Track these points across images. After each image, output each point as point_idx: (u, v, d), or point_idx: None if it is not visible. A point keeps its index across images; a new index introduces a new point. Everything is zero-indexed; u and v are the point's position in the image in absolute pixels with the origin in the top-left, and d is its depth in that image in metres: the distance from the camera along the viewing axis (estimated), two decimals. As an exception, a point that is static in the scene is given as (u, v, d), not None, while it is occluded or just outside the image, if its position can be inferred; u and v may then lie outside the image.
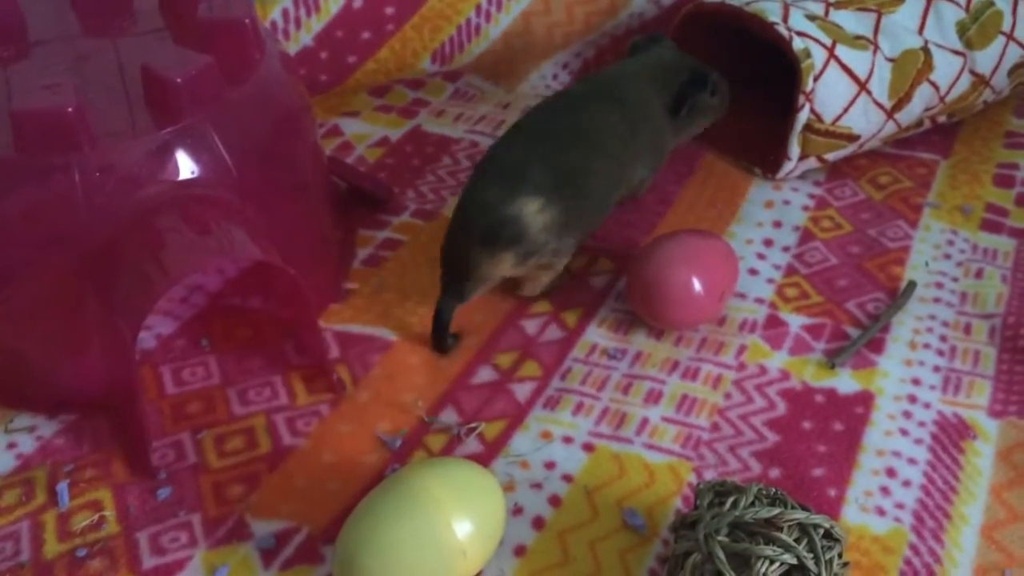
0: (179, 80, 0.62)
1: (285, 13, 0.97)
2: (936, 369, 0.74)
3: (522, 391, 0.72)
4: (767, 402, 0.71)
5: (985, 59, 0.95)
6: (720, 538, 0.52)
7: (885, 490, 0.65)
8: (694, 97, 0.85)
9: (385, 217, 0.88)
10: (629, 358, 0.75)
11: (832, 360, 0.74)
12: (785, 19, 0.89)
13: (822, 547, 0.52)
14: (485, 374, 0.73)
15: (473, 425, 0.69)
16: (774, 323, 0.78)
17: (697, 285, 0.74)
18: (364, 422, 0.69)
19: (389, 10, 0.99)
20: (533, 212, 0.72)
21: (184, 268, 0.62)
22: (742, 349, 0.76)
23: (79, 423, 0.69)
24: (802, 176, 0.95)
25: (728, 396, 0.72)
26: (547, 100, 0.83)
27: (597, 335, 0.77)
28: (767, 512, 0.52)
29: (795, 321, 0.79)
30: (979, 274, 0.83)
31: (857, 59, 0.89)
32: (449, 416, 0.70)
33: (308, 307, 0.67)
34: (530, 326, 0.78)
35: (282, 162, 0.70)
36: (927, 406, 0.71)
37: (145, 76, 0.65)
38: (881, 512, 0.64)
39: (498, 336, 0.76)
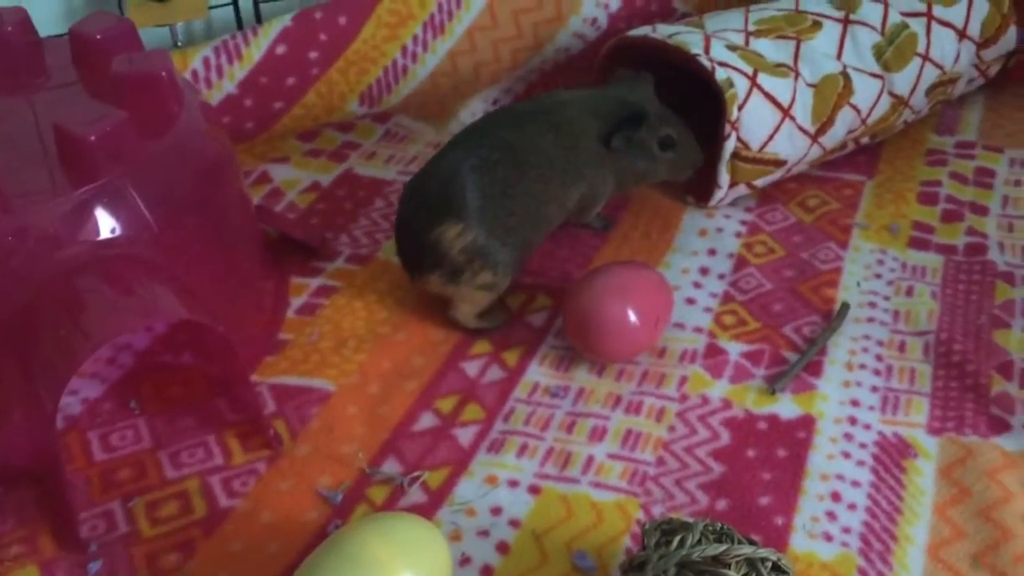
0: (93, 138, 0.61)
1: (206, 61, 0.95)
2: (874, 389, 0.75)
3: (465, 436, 0.71)
4: (711, 432, 0.71)
5: (902, 80, 0.97)
6: (669, 579, 0.51)
7: (831, 515, 0.65)
8: (622, 133, 0.83)
9: (319, 264, 0.86)
10: (572, 395, 0.74)
11: (772, 386, 0.75)
12: (707, 50, 0.90)
13: (771, 581, 0.52)
14: (427, 420, 0.72)
15: (416, 474, 0.67)
16: (714, 352, 0.79)
17: (632, 316, 0.73)
18: (304, 478, 0.67)
19: (313, 54, 0.98)
20: (452, 237, 0.75)
21: (106, 331, 0.60)
22: (683, 380, 0.76)
23: (2, 497, 0.66)
24: (733, 203, 0.96)
25: (672, 429, 0.72)
26: (487, 115, 0.86)
27: (539, 373, 0.76)
28: (714, 549, 0.52)
29: (734, 349, 0.79)
30: (910, 292, 0.84)
31: (779, 86, 0.91)
32: (391, 466, 0.68)
33: (238, 363, 0.65)
34: (471, 368, 0.77)
35: (206, 214, 0.69)
36: (867, 427, 0.72)
37: (58, 135, 0.63)
38: (828, 537, 0.64)
39: (439, 380, 0.75)
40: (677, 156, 0.88)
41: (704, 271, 0.87)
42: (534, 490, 0.67)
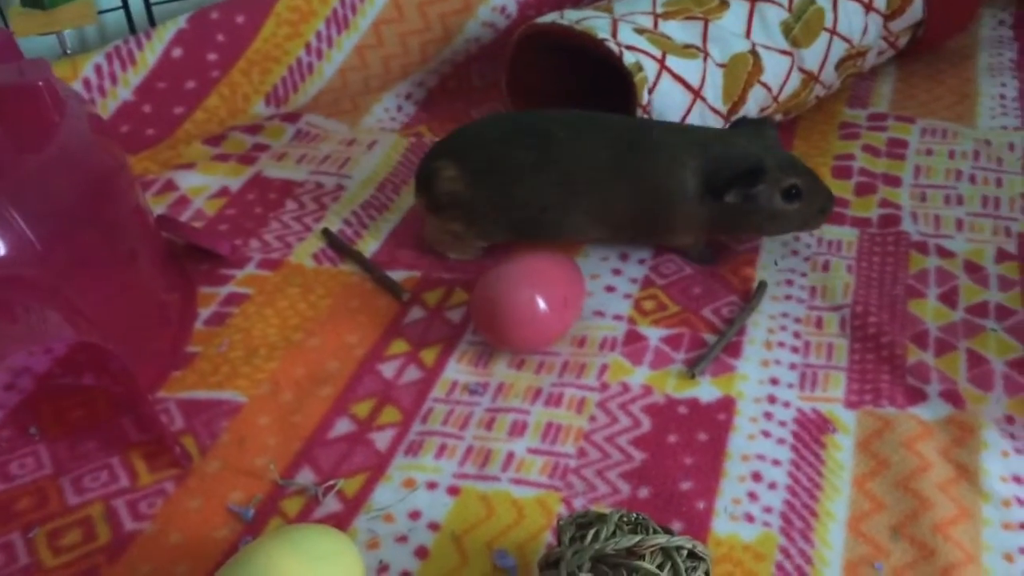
0: (-36, 154, 0.58)
1: (98, 69, 0.92)
2: (792, 367, 0.75)
3: (382, 440, 0.69)
4: (632, 420, 0.71)
5: (812, 56, 0.97)
6: (583, 574, 0.50)
7: (752, 495, 0.65)
8: (738, 187, 0.78)
9: (228, 271, 0.84)
10: (491, 391, 0.73)
11: (692, 369, 0.74)
12: (615, 34, 0.89)
13: (686, 568, 0.51)
14: (342, 426, 0.70)
15: (331, 483, 0.65)
16: (634, 338, 0.78)
17: (540, 304, 0.72)
18: (214, 495, 0.64)
19: (212, 56, 0.95)
20: (445, 176, 0.81)
21: (-11, 358, 0.57)
22: (604, 369, 0.75)
23: None
24: (652, 186, 0.95)
25: (593, 419, 0.71)
26: (558, 112, 0.85)
27: (457, 371, 0.75)
28: (628, 541, 0.51)
29: (654, 334, 0.78)
30: (826, 267, 0.85)
31: (688, 68, 0.90)
32: (306, 476, 0.66)
33: (135, 382, 0.62)
34: (387, 369, 0.75)
35: (97, 229, 0.66)
36: (786, 405, 0.72)
37: (-71, 152, 0.60)
38: (750, 519, 0.63)
39: (354, 384, 0.73)
40: (804, 205, 0.80)
41: (624, 257, 0.87)
42: (453, 491, 0.65)
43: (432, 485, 0.66)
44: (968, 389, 0.72)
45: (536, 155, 0.80)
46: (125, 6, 0.98)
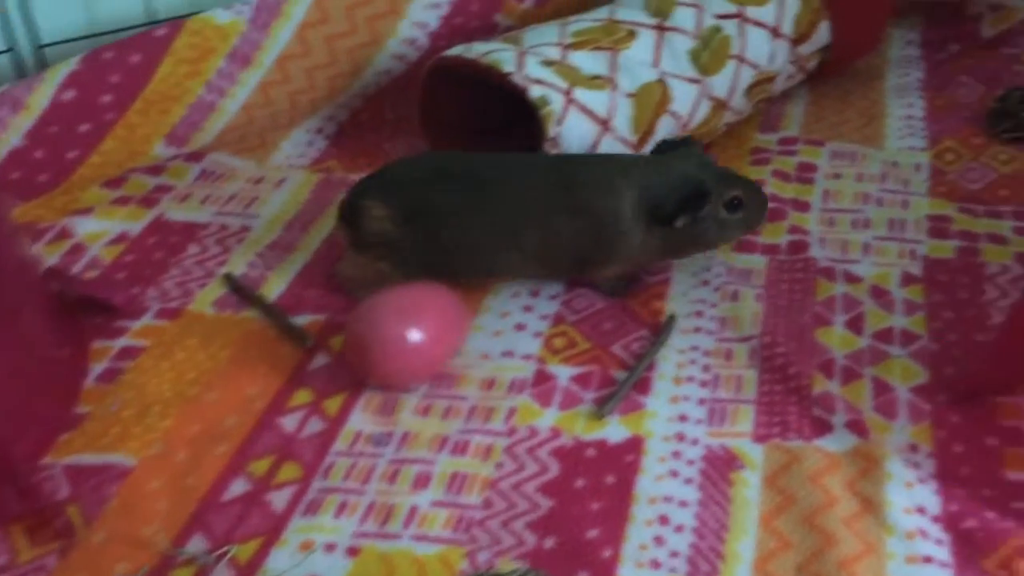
0: None
1: (-16, 115, 0.88)
2: (701, 402, 0.74)
3: (280, 499, 0.67)
4: (539, 466, 0.69)
5: (720, 83, 0.98)
6: (474, 643, 0.49)
7: (659, 540, 0.64)
8: (687, 213, 0.78)
9: (123, 323, 0.81)
10: (396, 441, 0.71)
11: (600, 410, 0.73)
12: (521, 67, 0.89)
13: (581, 631, 0.50)
14: (238, 487, 0.67)
15: (224, 550, 0.63)
16: (543, 379, 0.77)
17: (412, 337, 0.72)
18: (99, 568, 0.61)
19: (106, 98, 0.92)
20: (374, 214, 0.80)
21: None
22: (512, 412, 0.74)
23: None
24: (564, 218, 0.95)
25: (500, 466, 0.69)
26: (491, 154, 0.86)
27: (362, 420, 0.73)
28: (521, 604, 0.50)
29: (564, 373, 0.77)
30: (735, 297, 0.85)
31: (596, 99, 0.90)
32: (198, 543, 0.64)
33: (9, 453, 0.59)
34: (289, 423, 0.73)
35: (-30, 290, 0.63)
36: (695, 442, 0.71)
37: None
38: (656, 565, 0.62)
39: (253, 440, 0.71)
40: (746, 211, 0.81)
41: (535, 293, 0.86)
42: (353, 552, 0.63)
43: (330, 547, 0.63)
44: (873, 418, 0.72)
45: (467, 197, 0.80)
46: (12, 49, 0.95)
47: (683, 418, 0.73)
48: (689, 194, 0.78)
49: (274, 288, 0.86)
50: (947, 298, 0.83)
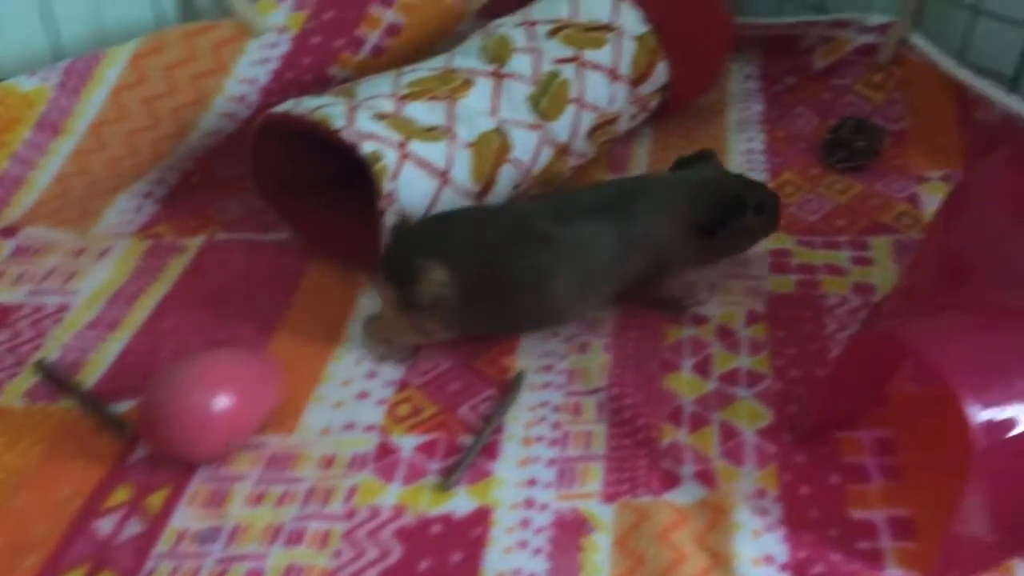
0: None
1: None
2: (551, 462, 0.72)
3: (93, 614, 0.61)
4: (380, 550, 0.65)
5: (561, 128, 0.97)
6: None
7: (507, 619, 0.61)
8: (729, 223, 0.82)
9: (-82, 427, 0.73)
10: (224, 536, 0.66)
11: (446, 481, 0.70)
12: (352, 122, 0.85)
13: None
14: (46, 605, 0.61)
15: None
16: (386, 451, 0.73)
17: (215, 406, 0.68)
18: None
19: None
20: (434, 278, 0.74)
21: None
22: (352, 491, 0.70)
23: None
24: (410, 274, 0.92)
25: (338, 554, 0.65)
26: (552, 198, 0.83)
27: (187, 516, 0.67)
28: None
29: (408, 443, 0.74)
30: (584, 348, 0.83)
31: (433, 151, 0.87)
32: (-5, 676, 0.57)
33: None
34: (105, 526, 0.67)
35: None
36: (544, 507, 0.68)
37: None
38: (504, 647, 0.60)
39: (64, 549, 0.65)
40: (768, 213, 0.86)
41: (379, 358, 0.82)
42: (173, 667, 0.58)
43: (149, 663, 0.58)
44: (721, 466, 0.71)
45: (542, 258, 0.77)
46: None
47: (532, 482, 0.70)
48: (728, 205, 0.82)
49: (94, 372, 0.80)
50: (790, 334, 0.84)
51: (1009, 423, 0.58)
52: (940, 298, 0.68)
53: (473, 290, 0.75)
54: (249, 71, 0.98)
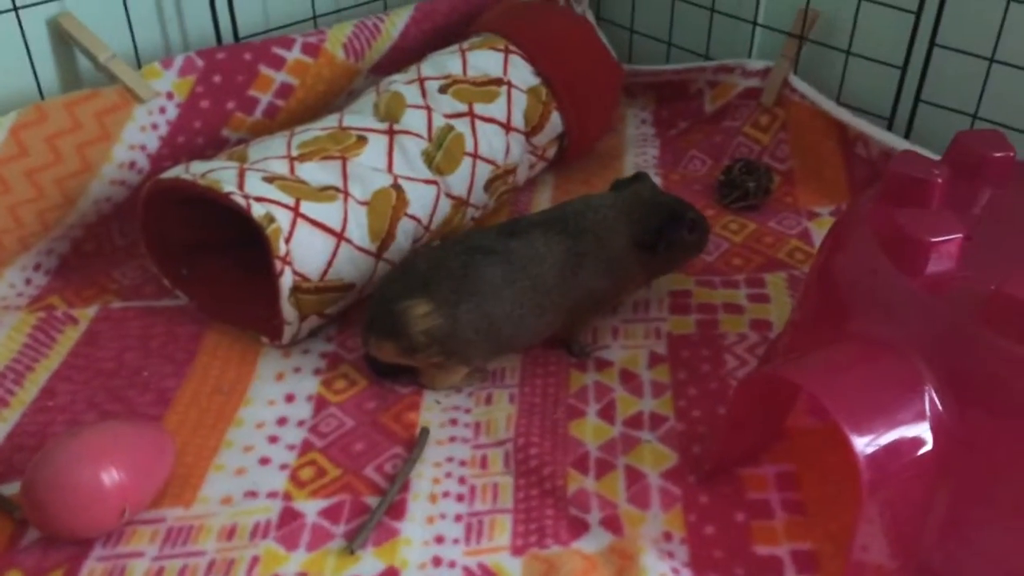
0: None
1: None
2: (458, 518, 0.71)
3: None
4: (283, 621, 0.64)
5: (458, 181, 0.97)
6: None
7: None
8: (670, 236, 0.87)
9: None
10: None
11: (350, 545, 0.69)
12: (242, 185, 0.84)
13: None
14: None
15: None
16: (289, 518, 0.71)
17: (106, 479, 0.66)
18: None
19: None
20: (417, 315, 0.78)
21: None
22: (254, 562, 0.68)
23: None
24: (313, 334, 0.90)
25: (238, 630, 0.63)
26: (503, 223, 0.87)
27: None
28: None
29: (312, 508, 0.72)
30: (489, 400, 0.83)
31: (326, 211, 0.87)
32: None
33: None
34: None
35: None
36: (452, 565, 0.68)
37: None
38: None
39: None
40: (699, 234, 0.91)
41: (282, 421, 0.81)
42: None
43: None
44: (627, 511, 0.72)
45: (502, 268, 0.81)
46: None
47: (440, 540, 0.70)
48: (667, 220, 0.87)
49: (-20, 455, 0.76)
50: (690, 374, 0.85)
51: (893, 453, 0.60)
52: (824, 332, 0.70)
53: (456, 308, 0.79)
54: (137, 137, 0.97)
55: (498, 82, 1.03)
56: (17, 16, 0.93)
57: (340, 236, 0.87)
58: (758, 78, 1.19)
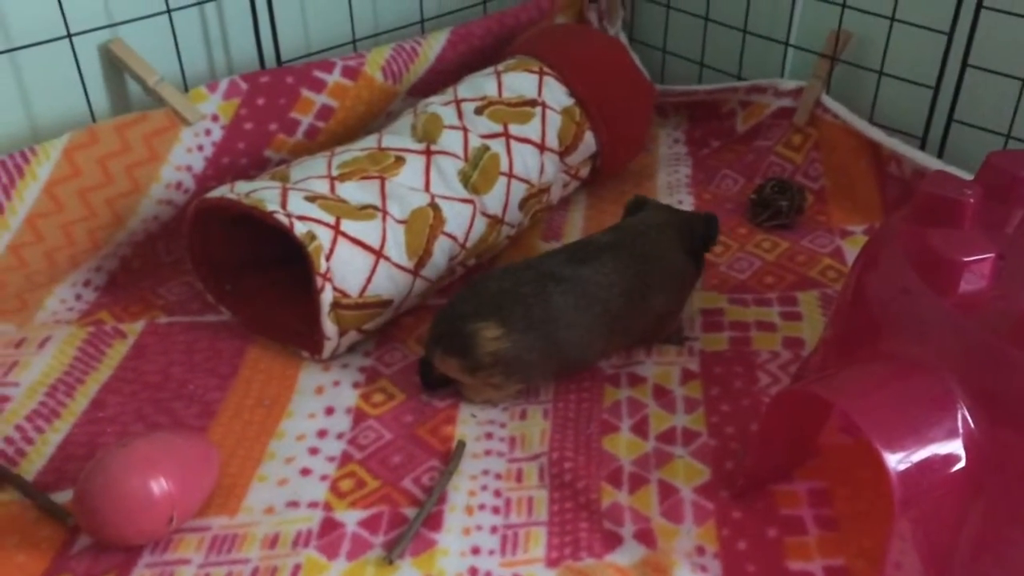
0: None
1: None
2: (494, 530, 0.73)
3: None
4: (324, 628, 0.66)
5: (493, 201, 0.99)
6: None
7: None
8: (712, 242, 0.93)
9: None
10: (166, 624, 0.66)
11: (389, 555, 0.70)
12: (284, 205, 0.87)
13: None
14: None
15: None
16: (330, 527, 0.73)
17: (155, 488, 0.69)
18: None
19: None
20: (488, 338, 0.81)
21: None
22: (296, 570, 0.69)
23: None
24: (352, 349, 0.93)
25: (282, 636, 0.65)
26: (569, 245, 0.90)
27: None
28: None
29: (351, 518, 0.74)
30: (523, 415, 0.84)
31: (366, 229, 0.89)
32: None
33: None
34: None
35: None
36: (488, 575, 0.70)
37: None
38: None
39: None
40: (711, 240, 0.95)
41: (322, 434, 0.83)
42: None
43: None
44: (661, 524, 0.73)
45: (574, 296, 0.83)
46: None
47: (476, 551, 0.71)
48: (705, 224, 0.93)
49: (34, 464, 0.79)
50: (723, 390, 0.86)
51: (926, 470, 0.60)
52: (857, 351, 0.71)
53: (524, 334, 0.81)
54: (184, 158, 1.00)
55: (533, 103, 1.06)
56: (71, 42, 0.97)
57: (379, 254, 0.89)
58: (790, 98, 1.20)
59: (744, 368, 0.89)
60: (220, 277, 0.97)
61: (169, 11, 1.02)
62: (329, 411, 0.85)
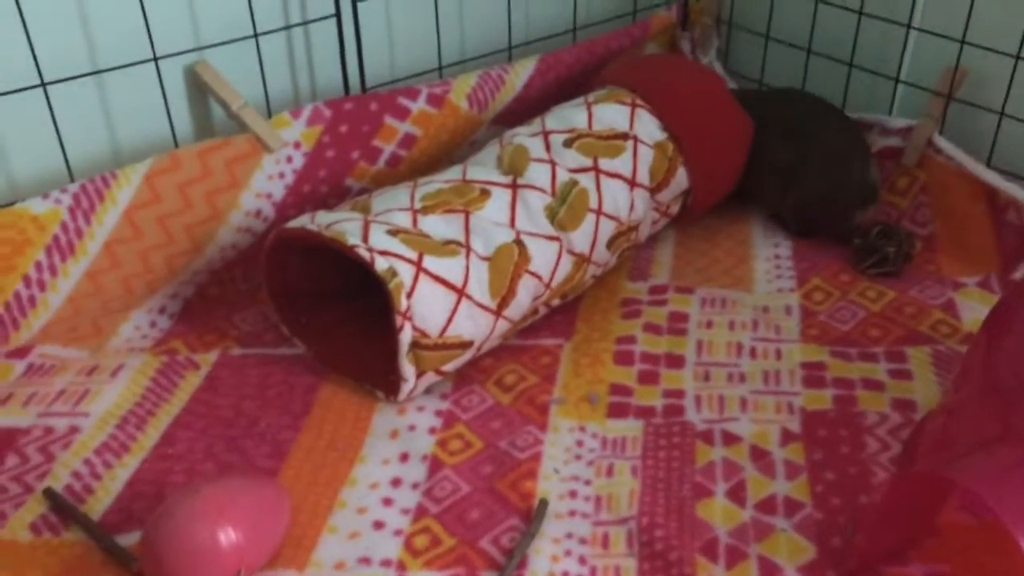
0: None
1: None
2: (578, 601, 0.68)
3: None
4: None
5: (580, 238, 0.94)
6: None
7: None
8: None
9: (-88, 567, 0.70)
10: None
11: (466, 624, 0.66)
12: (366, 238, 0.84)
13: None
14: None
15: None
16: (402, 589, 0.69)
17: (223, 539, 0.65)
18: None
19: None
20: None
21: None
22: (366, 635, 0.65)
23: None
24: (428, 391, 0.88)
25: None
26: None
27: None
28: None
29: (426, 580, 0.70)
30: (610, 471, 0.79)
31: (448, 267, 0.85)
32: None
33: None
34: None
35: None
36: (572, 654, 0.64)
37: None
38: None
39: None
40: None
41: (396, 482, 0.78)
42: None
43: None
44: (762, 607, 0.67)
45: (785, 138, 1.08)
46: None
47: (558, 624, 0.66)
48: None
49: (102, 500, 0.76)
50: (828, 455, 0.79)
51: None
52: (987, 424, 0.64)
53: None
54: (265, 186, 0.97)
55: (624, 136, 1.01)
56: (156, 66, 0.95)
57: (461, 292, 0.85)
58: (898, 137, 1.13)
59: (850, 432, 0.82)
60: (296, 308, 0.94)
61: (256, 35, 1.00)
62: (404, 457, 0.81)
